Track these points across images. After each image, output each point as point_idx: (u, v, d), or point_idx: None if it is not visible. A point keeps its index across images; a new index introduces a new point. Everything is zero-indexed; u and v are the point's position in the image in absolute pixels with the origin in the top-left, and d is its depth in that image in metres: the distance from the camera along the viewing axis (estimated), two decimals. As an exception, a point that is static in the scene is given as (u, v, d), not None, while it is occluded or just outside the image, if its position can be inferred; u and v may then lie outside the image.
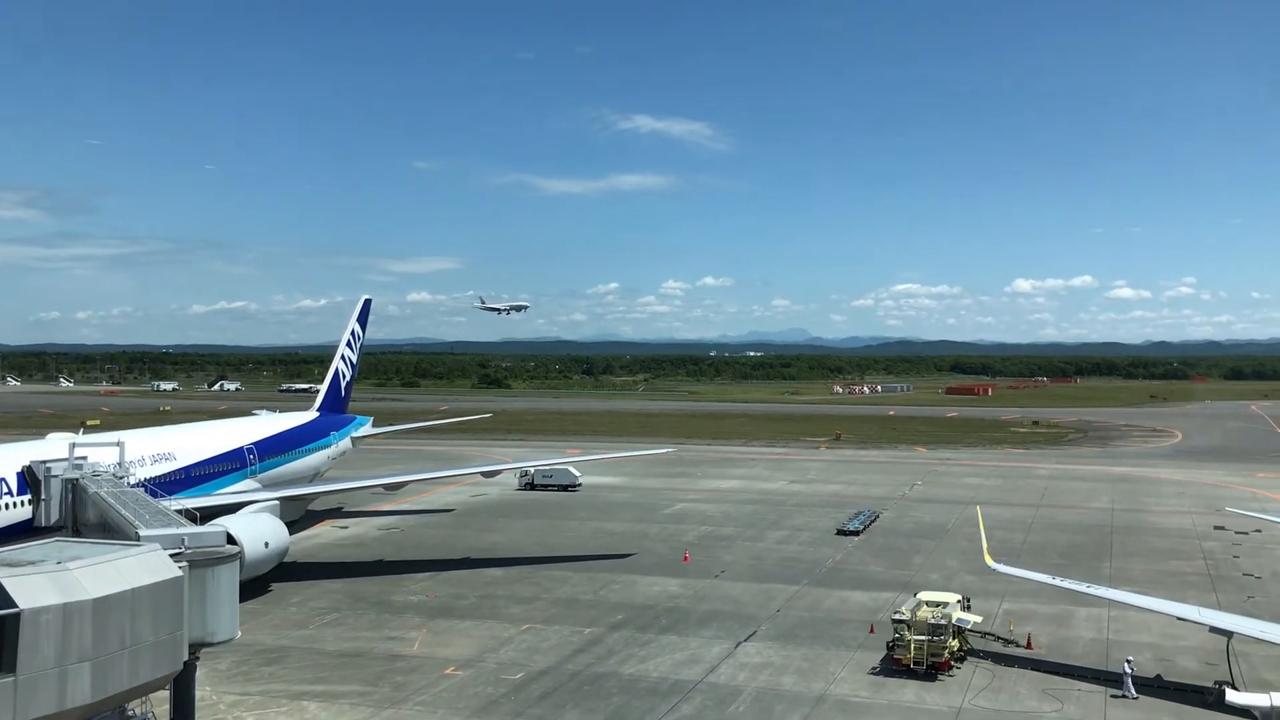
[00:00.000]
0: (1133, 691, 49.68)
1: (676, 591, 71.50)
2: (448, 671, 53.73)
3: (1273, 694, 42.46)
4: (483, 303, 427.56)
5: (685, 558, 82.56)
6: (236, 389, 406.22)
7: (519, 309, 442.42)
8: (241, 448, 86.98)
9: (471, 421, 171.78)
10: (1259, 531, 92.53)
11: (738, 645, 58.61)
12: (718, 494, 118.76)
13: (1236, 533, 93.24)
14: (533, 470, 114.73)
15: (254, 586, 67.04)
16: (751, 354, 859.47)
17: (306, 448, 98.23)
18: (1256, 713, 42.10)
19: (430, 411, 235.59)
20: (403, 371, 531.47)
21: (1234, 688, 47.15)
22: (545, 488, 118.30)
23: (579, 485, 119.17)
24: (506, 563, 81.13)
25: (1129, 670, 50.68)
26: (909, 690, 50.77)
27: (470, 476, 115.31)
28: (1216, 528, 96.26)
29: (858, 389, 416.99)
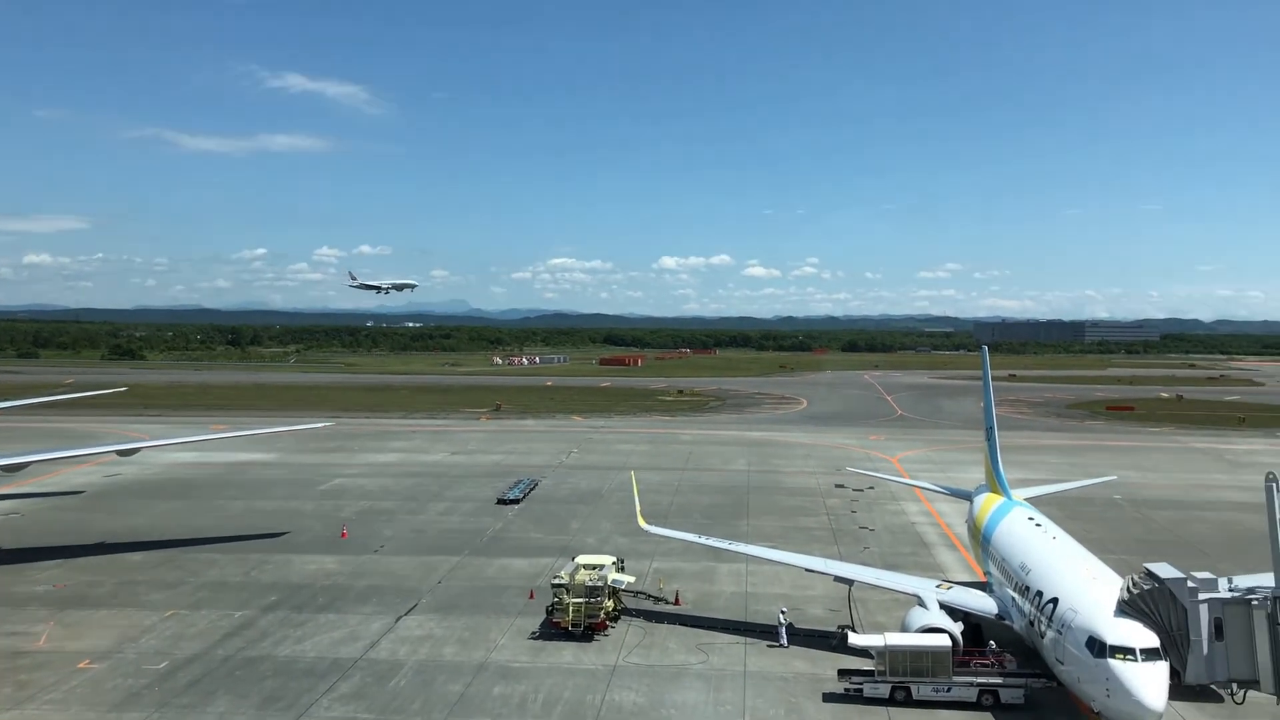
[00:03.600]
0: (785, 640, 54.09)
1: (334, 569, 69.93)
2: (81, 665, 49.84)
3: (886, 635, 47.98)
4: (354, 279, 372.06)
5: (343, 534, 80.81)
6: None
7: (403, 288, 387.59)
8: None
9: (102, 396, 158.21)
10: (872, 488, 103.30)
11: (399, 619, 58.32)
12: (377, 468, 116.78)
13: (854, 490, 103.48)
14: None
15: None
16: (410, 325, 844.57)
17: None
18: (873, 652, 47.33)
19: (54, 385, 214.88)
20: (19, 341, 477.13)
21: (854, 631, 52.71)
22: None
23: None
24: (147, 546, 76.01)
25: (783, 621, 55.15)
26: (567, 652, 52.70)
27: (104, 456, 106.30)
28: (838, 486, 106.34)
29: (517, 360, 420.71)
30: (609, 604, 56.25)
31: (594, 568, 58.16)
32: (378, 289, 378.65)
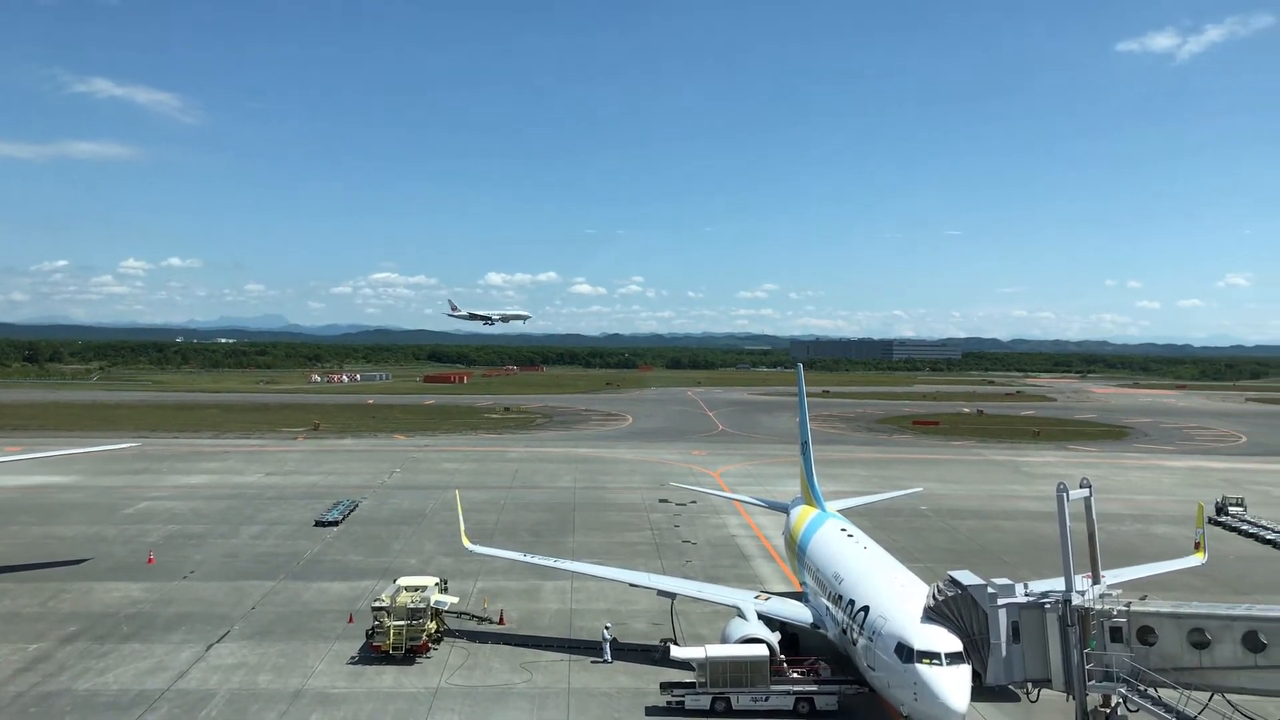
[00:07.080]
0: (609, 656, 54.46)
1: (139, 596, 66.64)
2: None
3: (707, 646, 48.98)
4: (455, 309, 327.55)
5: (149, 559, 77.10)
6: None
7: (510, 319, 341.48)
8: None
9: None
10: (694, 502, 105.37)
11: (209, 647, 56.03)
12: (187, 490, 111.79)
13: (677, 504, 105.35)
14: None
15: None
16: (224, 341, 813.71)
17: None
18: (694, 664, 48.24)
19: None
20: None
21: (677, 644, 53.58)
22: None
23: None
24: (-73, 579, 70.60)
25: (607, 636, 55.52)
26: (388, 676, 51.71)
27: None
28: (661, 500, 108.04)
29: (337, 378, 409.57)
30: (431, 626, 55.56)
31: (416, 589, 57.34)
32: (486, 319, 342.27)
